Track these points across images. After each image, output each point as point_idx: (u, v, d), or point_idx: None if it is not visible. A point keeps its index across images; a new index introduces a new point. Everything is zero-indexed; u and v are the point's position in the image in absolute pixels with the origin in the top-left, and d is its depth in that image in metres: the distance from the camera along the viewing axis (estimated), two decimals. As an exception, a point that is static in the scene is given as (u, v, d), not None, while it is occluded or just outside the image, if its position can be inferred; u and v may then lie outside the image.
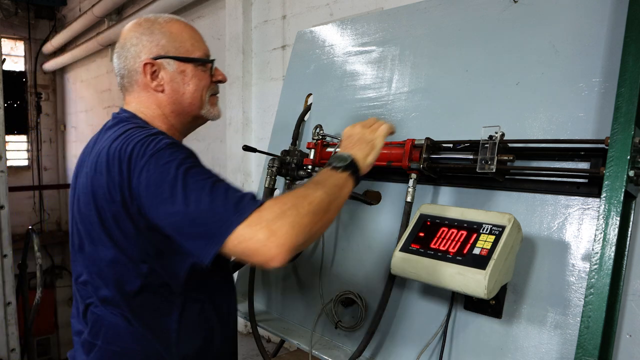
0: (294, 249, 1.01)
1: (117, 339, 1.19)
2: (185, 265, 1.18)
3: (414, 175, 1.43)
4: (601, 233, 1.01)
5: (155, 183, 1.04)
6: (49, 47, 7.84)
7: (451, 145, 1.40)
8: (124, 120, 1.26)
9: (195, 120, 1.35)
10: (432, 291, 1.42)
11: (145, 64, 1.25)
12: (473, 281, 1.12)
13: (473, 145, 1.32)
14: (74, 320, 1.28)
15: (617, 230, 1.00)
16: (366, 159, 1.26)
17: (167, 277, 1.19)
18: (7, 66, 8.05)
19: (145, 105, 1.29)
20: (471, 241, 1.19)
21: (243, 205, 1.01)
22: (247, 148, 1.83)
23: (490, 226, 1.19)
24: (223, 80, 1.37)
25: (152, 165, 1.06)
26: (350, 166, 1.20)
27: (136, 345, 1.19)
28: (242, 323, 3.89)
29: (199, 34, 1.34)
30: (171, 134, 1.29)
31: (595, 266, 1.01)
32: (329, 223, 1.13)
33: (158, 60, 1.25)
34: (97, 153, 1.18)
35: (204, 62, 1.31)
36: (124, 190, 1.09)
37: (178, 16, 1.35)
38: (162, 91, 1.27)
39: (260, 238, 0.98)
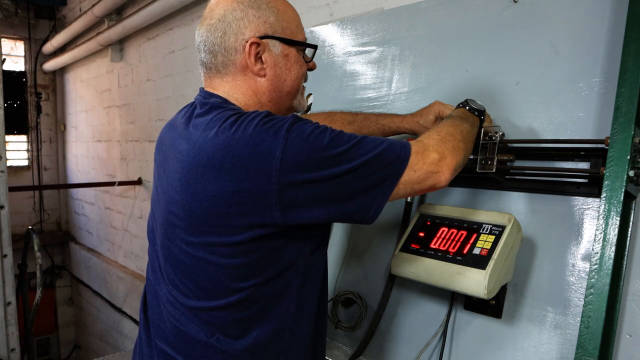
0: (456, 171, 1.07)
1: None
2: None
3: (414, 175, 1.43)
4: (601, 233, 1.01)
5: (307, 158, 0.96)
6: (49, 47, 7.83)
7: (451, 145, 1.40)
8: (217, 107, 1.06)
9: (287, 112, 1.17)
10: (432, 291, 1.42)
11: (252, 44, 1.07)
12: (473, 281, 1.12)
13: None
14: None
15: (617, 230, 1.00)
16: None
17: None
18: (7, 66, 8.05)
19: (241, 90, 1.11)
20: (471, 241, 1.19)
21: (401, 142, 1.03)
22: (247, 148, 1.83)
23: (490, 226, 1.19)
24: (313, 68, 1.21)
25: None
26: (482, 114, 1.28)
27: None
28: (242, 323, 3.88)
29: (298, 14, 1.18)
30: None
31: (595, 266, 1.01)
32: (470, 153, 1.18)
33: (264, 40, 1.08)
34: (197, 149, 1.01)
35: (309, 47, 1.16)
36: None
37: None
38: (264, 76, 1.10)
39: (433, 159, 1.02)
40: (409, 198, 1.43)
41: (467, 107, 1.27)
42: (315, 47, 1.18)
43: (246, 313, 1.04)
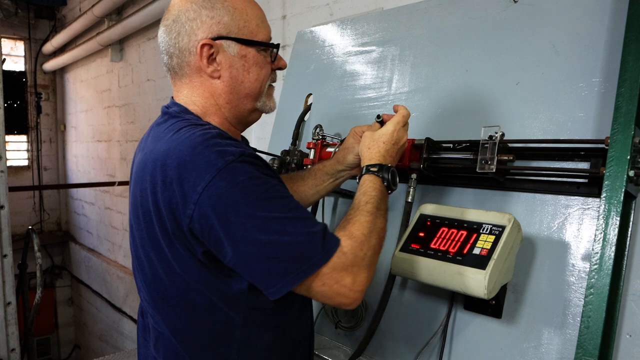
0: (363, 292, 0.99)
1: None
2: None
3: (414, 175, 1.43)
4: (601, 233, 1.01)
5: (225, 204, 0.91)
6: (49, 47, 7.84)
7: (451, 145, 1.40)
8: (173, 116, 1.08)
9: (250, 114, 1.15)
10: (432, 291, 1.42)
11: (203, 45, 1.04)
12: (473, 281, 1.12)
13: (473, 145, 1.32)
14: None
15: (617, 230, 1.00)
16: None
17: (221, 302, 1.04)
18: (7, 66, 8.05)
19: (198, 93, 1.10)
20: (471, 241, 1.19)
21: (327, 242, 0.93)
22: (247, 148, 1.83)
23: (490, 226, 1.19)
24: (283, 67, 1.17)
25: (223, 182, 0.91)
26: (392, 186, 1.18)
27: None
28: (242, 323, 3.88)
29: (262, 11, 1.12)
30: (225, 128, 1.10)
31: (595, 266, 1.01)
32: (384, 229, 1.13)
33: (217, 41, 1.05)
34: (143, 159, 1.04)
35: (268, 47, 1.11)
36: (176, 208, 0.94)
37: None
38: (219, 77, 1.08)
39: (346, 284, 0.94)
40: (409, 198, 1.43)
41: (386, 183, 1.14)
42: (276, 46, 1.12)
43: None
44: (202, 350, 1.05)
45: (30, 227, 3.92)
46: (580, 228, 1.19)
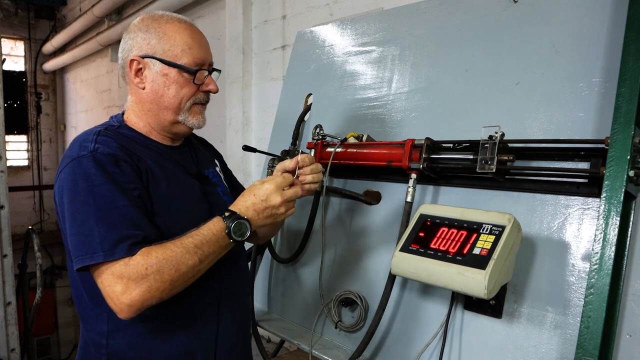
0: (142, 309, 1.09)
1: None
2: None
3: (414, 175, 1.43)
4: (601, 233, 1.01)
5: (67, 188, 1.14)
6: (49, 47, 7.83)
7: (451, 145, 1.40)
8: (104, 125, 1.31)
9: (172, 124, 1.31)
10: (432, 291, 1.42)
11: (132, 60, 1.27)
12: (473, 281, 1.12)
13: (473, 145, 1.32)
14: None
15: (617, 230, 1.00)
16: (260, 226, 1.22)
17: None
18: (7, 66, 8.05)
19: (132, 99, 1.33)
20: (471, 241, 1.19)
21: (117, 248, 1.07)
22: (247, 148, 1.83)
23: (490, 226, 1.19)
24: (212, 91, 1.33)
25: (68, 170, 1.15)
26: (244, 238, 1.19)
27: None
28: (242, 323, 3.88)
29: (199, 39, 1.30)
30: (147, 131, 1.32)
31: (595, 266, 1.01)
32: (194, 279, 1.16)
33: (145, 59, 1.26)
34: None
35: (186, 71, 1.27)
36: None
37: (187, 18, 1.32)
38: (143, 88, 1.28)
39: (116, 290, 1.06)
40: (409, 198, 1.43)
41: (227, 232, 1.16)
42: (193, 72, 1.27)
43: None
44: (87, 310, 1.25)
45: (30, 227, 3.92)
46: (580, 228, 1.19)
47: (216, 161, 1.54)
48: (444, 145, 1.41)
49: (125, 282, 1.05)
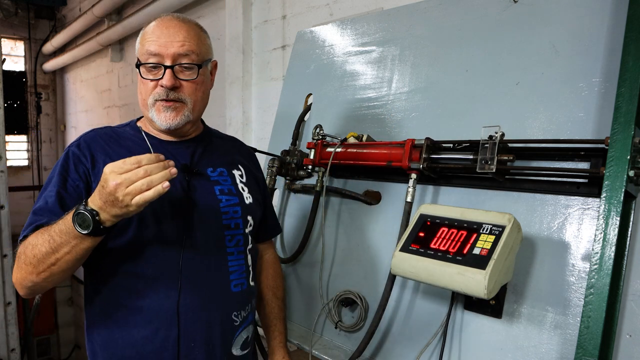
0: (24, 289, 1.19)
1: None
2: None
3: (414, 175, 1.43)
4: (601, 233, 1.01)
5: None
6: (49, 47, 7.83)
7: (451, 145, 1.40)
8: (121, 124, 1.46)
9: (152, 122, 1.35)
10: (432, 291, 1.42)
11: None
12: (473, 281, 1.12)
13: (473, 145, 1.32)
14: None
15: (617, 230, 1.00)
16: (112, 218, 1.07)
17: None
18: (7, 66, 8.05)
19: None
20: (471, 241, 1.19)
21: (26, 230, 1.19)
22: (247, 148, 1.83)
23: (490, 226, 1.19)
24: (163, 85, 1.26)
25: None
26: (95, 232, 1.08)
27: None
28: (242, 323, 3.88)
29: (160, 33, 1.26)
30: (145, 127, 1.39)
31: (595, 266, 1.01)
32: (63, 273, 1.15)
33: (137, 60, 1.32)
34: None
35: (137, 65, 1.30)
36: None
37: (179, 15, 1.32)
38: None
39: (14, 270, 1.20)
40: (409, 198, 1.43)
41: (76, 223, 1.07)
42: (138, 66, 1.29)
43: None
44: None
45: (30, 227, 3.91)
46: (580, 228, 1.19)
47: (240, 167, 1.47)
48: (444, 145, 1.41)
49: (15, 263, 1.19)
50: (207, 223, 1.32)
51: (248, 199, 1.43)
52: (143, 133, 1.38)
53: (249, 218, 1.41)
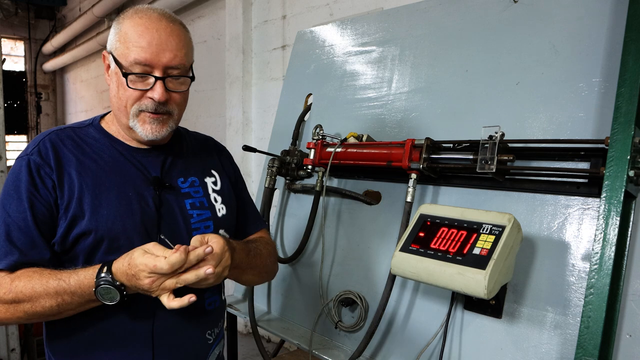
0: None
1: None
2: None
3: (414, 175, 1.43)
4: (601, 233, 1.01)
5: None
6: (49, 47, 7.84)
7: (451, 145, 1.40)
8: (78, 123, 1.30)
9: (129, 130, 1.20)
10: (432, 291, 1.42)
11: (103, 54, 1.23)
12: (473, 281, 1.12)
13: (473, 145, 1.32)
14: None
15: (617, 230, 1.00)
16: (136, 292, 1.07)
17: None
18: (7, 66, 8.06)
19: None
20: (471, 241, 1.19)
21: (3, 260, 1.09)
22: (247, 148, 1.83)
23: (490, 226, 1.19)
24: (154, 99, 1.15)
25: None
26: (115, 302, 1.07)
27: None
28: (242, 323, 3.89)
29: (150, 38, 1.13)
30: (115, 130, 1.25)
31: (595, 266, 1.01)
32: (59, 316, 1.11)
33: (109, 55, 1.19)
34: None
35: (122, 73, 1.14)
36: None
37: (164, 13, 1.18)
38: (109, 85, 1.22)
39: None
40: (409, 198, 1.43)
41: (97, 290, 1.04)
42: (125, 74, 1.14)
43: None
44: None
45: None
46: (580, 228, 1.19)
47: (214, 172, 1.37)
48: (444, 145, 1.41)
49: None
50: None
51: (221, 210, 1.33)
52: (109, 138, 1.24)
53: (221, 232, 1.31)
